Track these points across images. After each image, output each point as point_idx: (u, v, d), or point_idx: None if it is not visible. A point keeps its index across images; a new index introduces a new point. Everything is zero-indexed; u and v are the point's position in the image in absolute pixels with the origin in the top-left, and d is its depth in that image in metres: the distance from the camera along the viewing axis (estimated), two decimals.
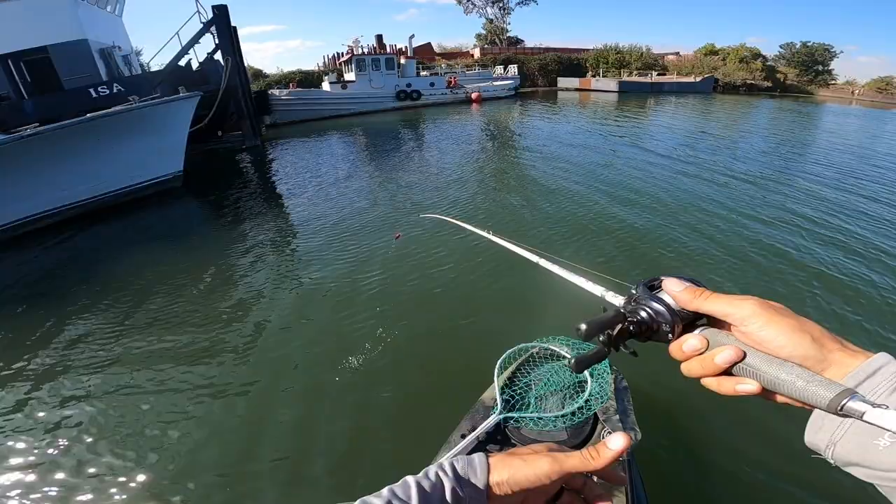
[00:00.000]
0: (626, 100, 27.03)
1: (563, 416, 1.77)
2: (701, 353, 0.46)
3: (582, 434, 1.80)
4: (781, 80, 37.85)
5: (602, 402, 1.83)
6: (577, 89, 34.55)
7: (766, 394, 0.43)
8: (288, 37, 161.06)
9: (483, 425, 1.80)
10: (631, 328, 0.49)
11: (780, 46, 41.85)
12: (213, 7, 14.05)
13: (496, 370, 2.01)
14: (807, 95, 36.06)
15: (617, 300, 0.54)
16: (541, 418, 1.79)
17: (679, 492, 2.42)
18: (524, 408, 1.86)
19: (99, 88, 12.69)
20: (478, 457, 0.51)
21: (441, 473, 0.50)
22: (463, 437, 1.80)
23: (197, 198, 9.40)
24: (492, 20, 45.26)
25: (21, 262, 6.59)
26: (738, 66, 36.78)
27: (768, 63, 39.00)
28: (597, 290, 0.60)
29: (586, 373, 1.90)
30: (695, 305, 0.47)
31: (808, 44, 40.14)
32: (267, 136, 17.31)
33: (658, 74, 36.32)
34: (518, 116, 19.63)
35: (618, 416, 1.85)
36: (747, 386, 0.43)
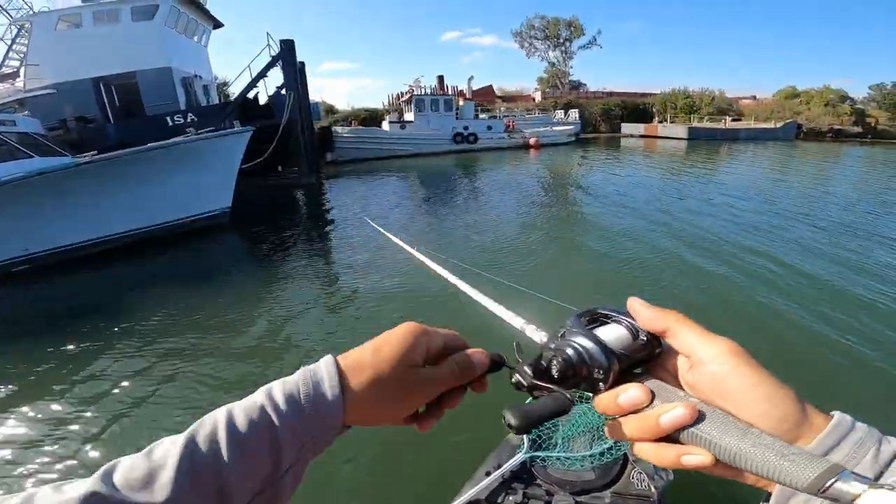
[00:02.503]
0: (696, 147, 25.36)
1: (590, 455, 1.76)
2: (641, 410, 0.35)
3: (610, 474, 1.76)
4: (872, 124, 33.45)
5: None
6: (641, 136, 33.02)
7: (720, 467, 0.33)
8: (359, 75, 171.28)
9: (508, 463, 1.80)
10: (553, 369, 0.39)
11: (870, 88, 37.61)
12: (281, 41, 14.05)
13: None
14: None
15: (539, 335, 0.46)
16: (567, 457, 1.79)
17: None
18: (551, 447, 1.86)
19: (175, 117, 13.24)
20: (326, 373, 0.39)
21: (267, 403, 0.37)
22: (488, 474, 1.78)
23: (242, 234, 9.20)
24: (554, 64, 45.37)
25: (67, 289, 6.56)
26: (824, 110, 33.51)
27: (857, 106, 35.11)
28: (517, 322, 0.52)
29: None
30: (662, 324, 0.38)
31: None
32: (327, 173, 17.37)
33: (733, 120, 34.07)
34: (577, 167, 18.37)
35: None
36: (696, 458, 0.32)
